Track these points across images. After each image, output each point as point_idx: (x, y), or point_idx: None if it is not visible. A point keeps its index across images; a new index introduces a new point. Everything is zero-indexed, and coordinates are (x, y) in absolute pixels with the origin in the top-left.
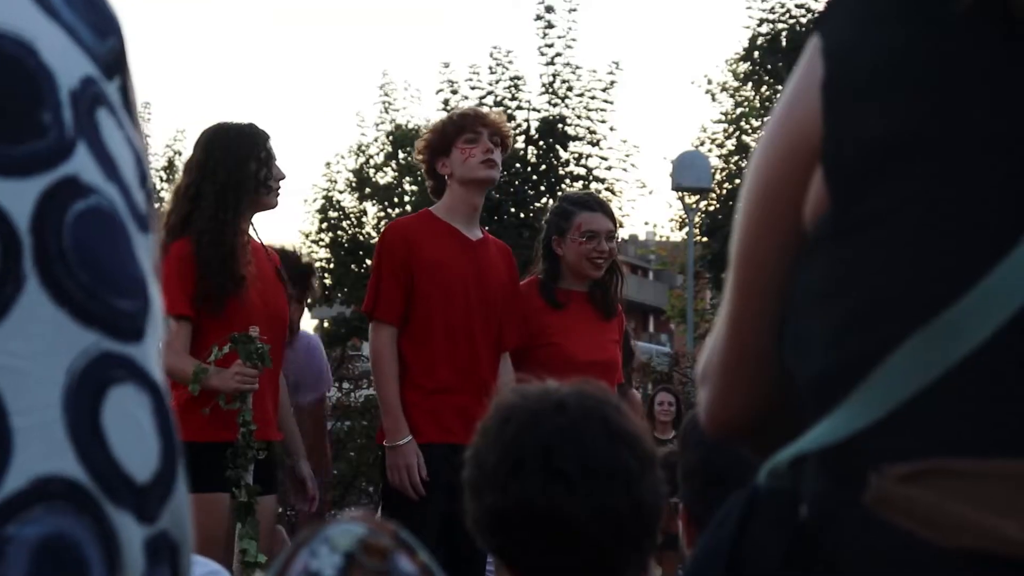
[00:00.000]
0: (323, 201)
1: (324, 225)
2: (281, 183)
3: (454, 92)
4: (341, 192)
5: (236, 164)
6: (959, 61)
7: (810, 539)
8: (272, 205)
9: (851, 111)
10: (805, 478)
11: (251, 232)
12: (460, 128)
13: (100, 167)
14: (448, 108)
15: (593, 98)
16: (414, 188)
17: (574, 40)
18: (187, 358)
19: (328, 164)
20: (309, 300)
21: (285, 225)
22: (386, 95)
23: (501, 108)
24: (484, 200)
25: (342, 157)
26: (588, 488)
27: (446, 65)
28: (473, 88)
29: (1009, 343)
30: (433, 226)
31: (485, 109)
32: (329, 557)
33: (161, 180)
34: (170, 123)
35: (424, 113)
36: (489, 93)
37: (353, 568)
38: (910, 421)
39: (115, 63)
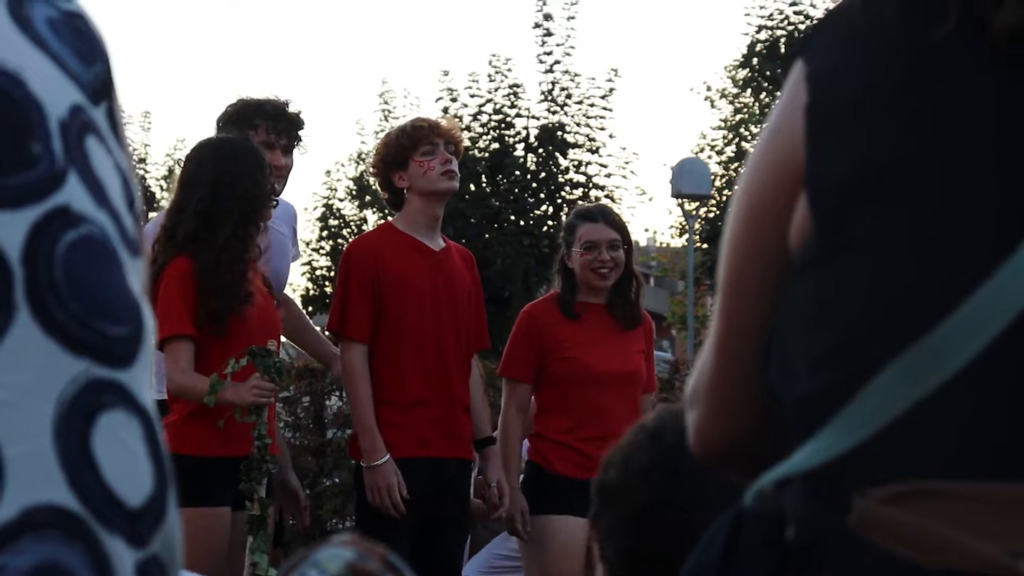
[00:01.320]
0: (323, 209)
1: (324, 233)
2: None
3: (453, 100)
4: (341, 200)
5: (252, 178)
6: (941, 87)
7: (796, 561)
8: (268, 218)
9: (834, 137)
10: (791, 500)
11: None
12: (416, 140)
13: (91, 195)
14: (447, 116)
15: (592, 105)
16: None
17: (573, 48)
18: (196, 375)
19: (328, 172)
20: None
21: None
22: (386, 103)
23: (500, 116)
24: (485, 208)
25: (342, 165)
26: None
27: (445, 73)
28: (472, 96)
29: (989, 368)
30: (397, 239)
31: (435, 118)
32: None
33: (161, 189)
34: (170, 132)
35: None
36: (488, 101)
37: None
38: (893, 443)
39: (102, 88)
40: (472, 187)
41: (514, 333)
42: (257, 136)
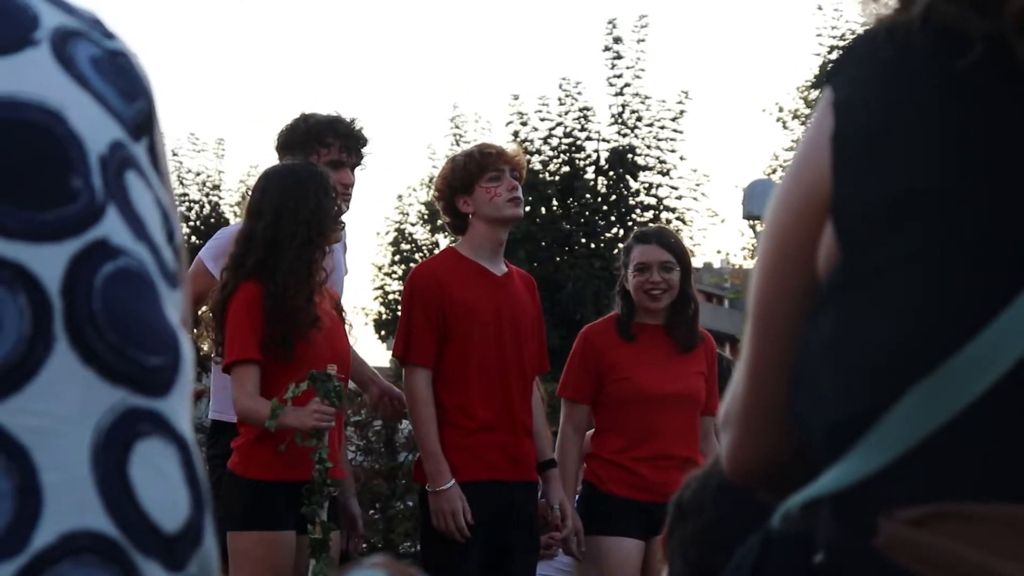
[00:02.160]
0: (395, 234)
1: (396, 257)
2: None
3: (524, 124)
4: (413, 224)
5: (316, 203)
6: (967, 116)
7: None
8: (337, 240)
9: (860, 165)
10: (819, 523)
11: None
12: (483, 166)
13: (129, 228)
14: (518, 140)
15: (663, 127)
16: None
17: (643, 70)
18: (260, 400)
19: (400, 197)
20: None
21: (358, 257)
22: (457, 127)
23: (571, 139)
24: (556, 231)
25: (414, 190)
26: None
27: (515, 97)
28: (543, 119)
29: (1013, 390)
30: (461, 265)
31: (501, 144)
32: None
33: (235, 216)
34: (244, 159)
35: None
36: (559, 124)
37: None
38: (918, 466)
39: (143, 125)
40: (543, 210)
41: (572, 354)
42: (329, 154)
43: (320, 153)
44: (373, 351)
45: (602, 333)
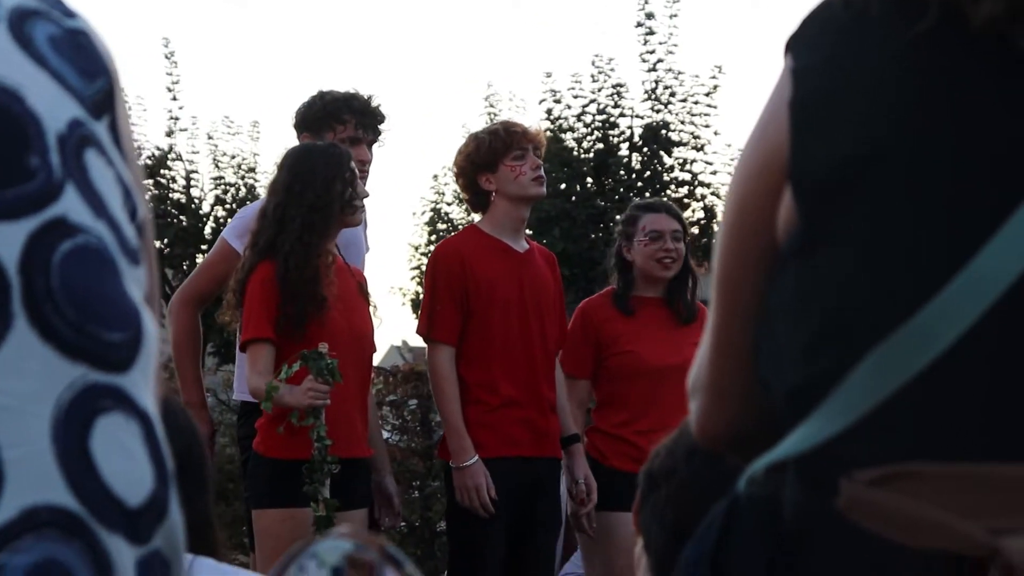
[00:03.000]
0: (431, 213)
1: (433, 237)
2: (364, 200)
3: (557, 101)
4: (449, 204)
5: (323, 185)
6: (923, 79)
7: (789, 546)
8: (357, 223)
9: (817, 130)
10: (784, 486)
11: (334, 251)
12: (508, 144)
13: (89, 206)
14: (551, 118)
15: (696, 103)
16: None
17: (675, 46)
18: (268, 379)
19: (435, 177)
20: None
21: (394, 237)
22: (491, 106)
23: (604, 116)
24: (591, 209)
25: (450, 169)
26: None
27: (548, 75)
28: (576, 97)
29: (969, 352)
30: (483, 242)
31: (526, 122)
32: (317, 572)
33: None
34: (279, 141)
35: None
36: (592, 101)
37: None
38: (878, 427)
39: (104, 103)
40: (577, 188)
41: (571, 330)
42: (345, 131)
43: (336, 130)
44: (410, 331)
45: (600, 307)
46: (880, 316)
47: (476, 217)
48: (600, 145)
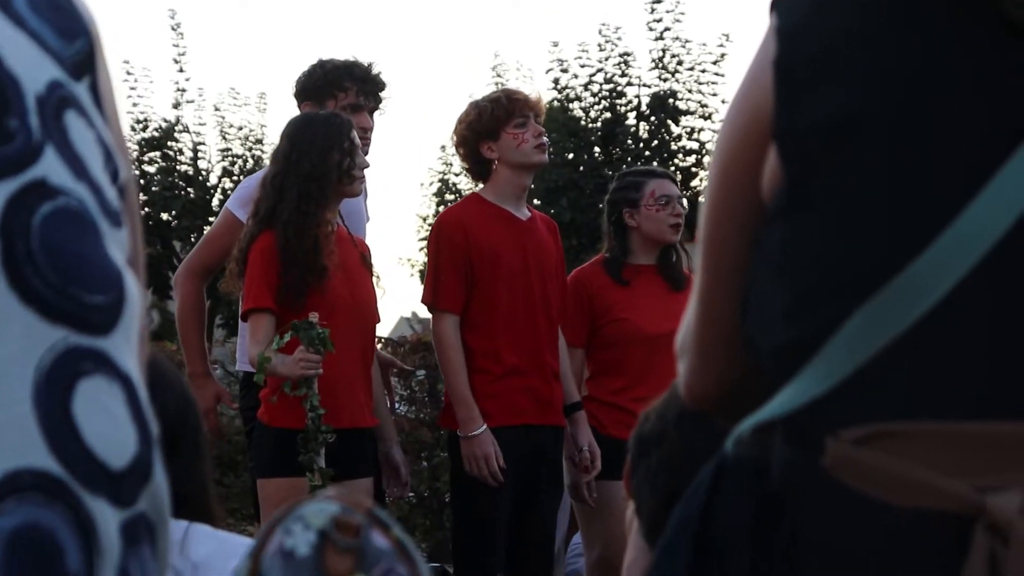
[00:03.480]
0: (439, 184)
1: (441, 208)
2: (365, 171)
3: (564, 71)
4: (457, 175)
5: (320, 155)
6: (908, 41)
7: (776, 506)
8: (356, 193)
9: (802, 89)
10: (772, 447)
11: (338, 220)
12: (510, 112)
13: (69, 168)
14: (558, 87)
15: (704, 71)
16: None
17: (683, 14)
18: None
19: (443, 147)
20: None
21: (402, 208)
22: (499, 76)
23: (611, 85)
24: (598, 178)
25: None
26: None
27: (555, 44)
28: (583, 66)
29: (953, 311)
30: (486, 211)
31: (527, 89)
32: (303, 535)
33: None
34: (286, 113)
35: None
36: (599, 70)
37: (327, 545)
38: (863, 387)
39: (84, 63)
40: (585, 157)
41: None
42: (346, 98)
43: (338, 98)
44: (419, 302)
45: (593, 275)
46: (866, 274)
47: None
48: (607, 114)
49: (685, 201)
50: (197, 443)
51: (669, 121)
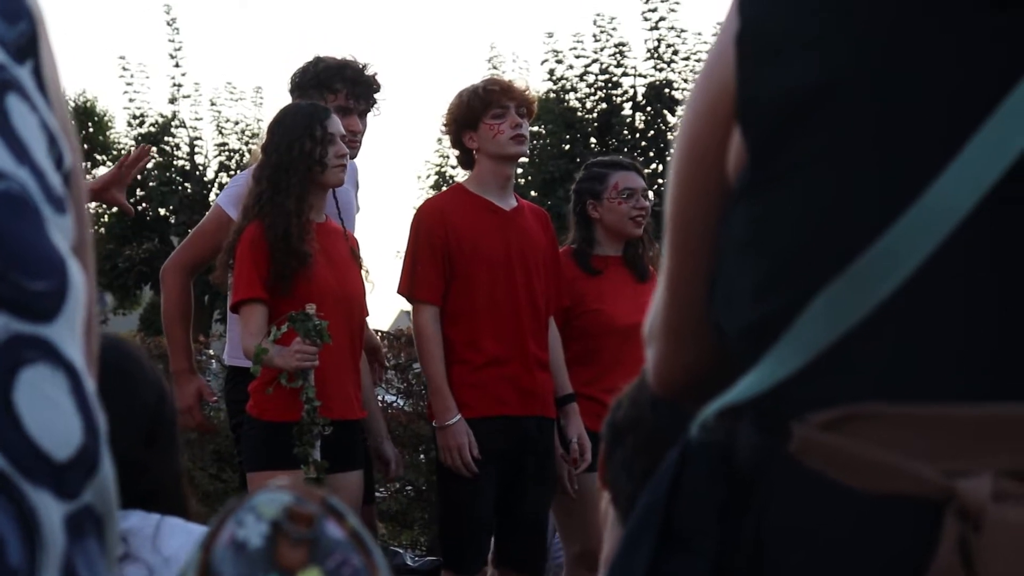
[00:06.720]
0: (436, 177)
1: None
2: (342, 160)
3: (559, 62)
4: (454, 168)
5: (288, 145)
6: (869, 14)
7: (744, 490)
8: (334, 182)
9: (763, 64)
10: (739, 431)
11: (314, 210)
12: (487, 103)
13: (10, 153)
14: (554, 78)
15: (699, 61)
16: (523, 160)
17: (678, 3)
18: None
19: (439, 140)
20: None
21: (399, 201)
22: (495, 67)
23: (607, 75)
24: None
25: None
26: None
27: (550, 35)
28: (578, 57)
29: (919, 292)
30: (467, 201)
31: (510, 79)
32: (255, 526)
33: None
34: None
35: (532, 85)
36: (594, 61)
37: (280, 536)
38: (829, 369)
39: (27, 47)
40: (581, 148)
41: None
42: (336, 100)
43: (327, 99)
44: None
45: (564, 266)
46: (832, 252)
47: None
48: (603, 105)
49: (651, 193)
50: (172, 436)
51: (665, 111)
